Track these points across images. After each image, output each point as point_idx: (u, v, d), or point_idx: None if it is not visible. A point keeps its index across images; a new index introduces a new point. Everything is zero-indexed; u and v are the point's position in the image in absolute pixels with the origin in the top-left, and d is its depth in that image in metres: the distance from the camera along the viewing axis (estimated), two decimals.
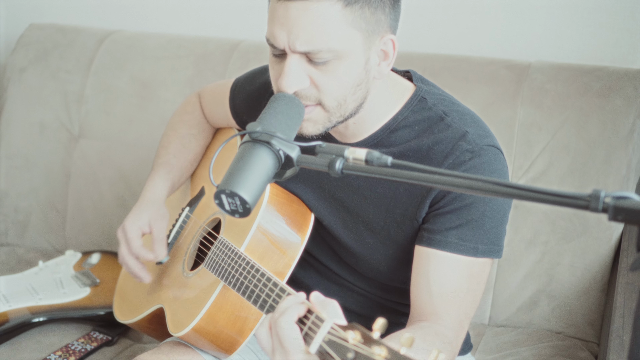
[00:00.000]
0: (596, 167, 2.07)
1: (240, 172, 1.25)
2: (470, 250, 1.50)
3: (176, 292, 1.72)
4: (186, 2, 2.67)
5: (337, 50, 1.42)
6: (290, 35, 1.41)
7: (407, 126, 1.55)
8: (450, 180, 1.10)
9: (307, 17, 1.40)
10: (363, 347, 1.12)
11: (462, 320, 1.52)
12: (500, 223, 1.54)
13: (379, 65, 1.49)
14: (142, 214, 1.76)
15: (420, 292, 1.52)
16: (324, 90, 1.45)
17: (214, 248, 1.63)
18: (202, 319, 1.58)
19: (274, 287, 1.41)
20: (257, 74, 1.80)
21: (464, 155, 1.50)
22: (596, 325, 2.07)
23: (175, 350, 1.69)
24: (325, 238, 1.68)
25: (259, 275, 1.46)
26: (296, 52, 1.42)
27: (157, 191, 1.82)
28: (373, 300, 1.69)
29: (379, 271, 1.63)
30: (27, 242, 2.59)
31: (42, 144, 2.58)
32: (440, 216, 1.51)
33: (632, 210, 0.96)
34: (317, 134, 1.51)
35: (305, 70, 1.44)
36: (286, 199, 1.66)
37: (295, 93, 1.45)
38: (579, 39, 2.29)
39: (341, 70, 1.44)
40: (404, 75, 1.63)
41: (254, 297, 1.46)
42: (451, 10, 2.40)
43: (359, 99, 1.49)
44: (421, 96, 1.57)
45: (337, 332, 1.17)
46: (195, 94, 2.00)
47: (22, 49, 2.64)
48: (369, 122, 1.56)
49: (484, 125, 1.56)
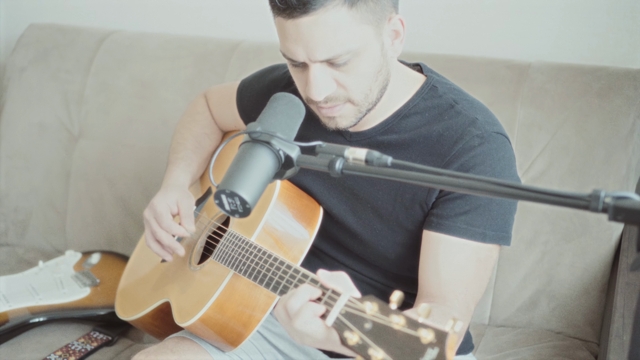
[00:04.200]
0: (596, 167, 2.07)
1: (240, 172, 1.25)
2: (479, 235, 1.53)
3: (183, 285, 1.73)
4: (186, 2, 2.67)
5: (354, 49, 1.46)
6: (308, 49, 1.45)
7: (418, 113, 1.59)
8: (451, 180, 1.11)
9: (318, 29, 1.43)
10: (381, 317, 1.12)
11: (469, 303, 1.54)
12: (508, 211, 1.56)
13: (393, 45, 1.53)
14: (169, 194, 1.77)
15: (428, 275, 1.54)
16: (351, 88, 1.50)
17: (223, 240, 1.65)
18: (210, 308, 1.59)
19: (288, 269, 1.42)
20: (265, 72, 1.83)
21: (473, 141, 1.53)
22: (596, 325, 2.07)
23: (180, 346, 1.69)
24: (333, 230, 1.70)
25: (271, 260, 1.48)
26: (317, 62, 1.46)
27: (180, 179, 1.83)
28: (380, 289, 1.70)
29: (387, 259, 1.65)
30: (27, 242, 2.59)
31: (42, 144, 2.58)
32: (449, 202, 1.54)
33: (632, 210, 0.96)
34: (352, 125, 1.56)
35: (330, 75, 1.48)
36: (296, 194, 1.68)
37: (326, 98, 1.50)
38: (579, 39, 2.29)
39: (363, 66, 1.48)
40: (414, 68, 1.67)
41: (266, 281, 1.46)
42: (451, 10, 2.40)
43: (381, 82, 1.54)
44: (432, 85, 1.62)
45: (355, 304, 1.17)
46: (202, 95, 2.01)
47: (22, 49, 2.64)
48: (381, 110, 1.60)
49: (492, 115, 1.60)
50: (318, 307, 1.22)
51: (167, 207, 1.75)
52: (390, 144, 1.60)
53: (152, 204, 1.76)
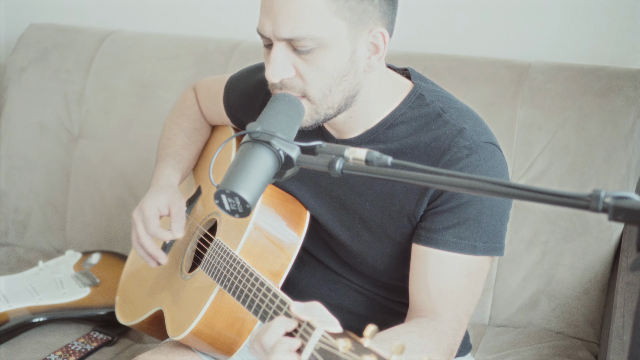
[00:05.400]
0: (596, 167, 2.07)
1: (240, 172, 1.25)
2: (469, 248, 1.50)
3: (174, 295, 1.72)
4: (186, 2, 2.67)
5: (320, 38, 1.42)
6: (275, 23, 1.43)
7: (404, 122, 1.55)
8: (451, 180, 1.10)
9: (290, 4, 1.41)
10: (353, 356, 1.12)
11: (461, 318, 1.52)
12: (499, 221, 1.53)
13: (369, 59, 1.49)
14: (160, 196, 1.74)
15: (418, 290, 1.52)
16: (308, 81, 1.46)
17: (210, 250, 1.63)
18: (200, 322, 1.57)
19: (267, 292, 1.40)
20: (252, 72, 1.80)
21: (461, 152, 1.49)
22: (596, 325, 2.07)
23: (175, 351, 1.68)
24: (322, 236, 1.68)
25: (252, 280, 1.45)
26: (281, 40, 1.44)
27: (170, 178, 1.80)
28: (371, 298, 1.68)
29: (376, 269, 1.63)
30: (27, 242, 2.59)
31: (42, 144, 2.58)
32: (437, 215, 1.51)
33: (632, 210, 0.96)
34: (306, 127, 1.51)
35: (291, 60, 1.45)
36: (281, 199, 1.66)
37: (281, 83, 1.46)
38: (579, 39, 2.29)
39: (326, 60, 1.44)
40: (402, 73, 1.62)
41: (248, 302, 1.45)
42: (451, 10, 2.40)
43: (346, 90, 1.49)
44: (419, 93, 1.57)
45: (328, 340, 1.16)
46: (191, 88, 1.99)
47: (22, 49, 2.64)
48: (365, 118, 1.56)
49: (482, 123, 1.56)
50: (293, 342, 1.21)
51: (156, 211, 1.72)
52: None
53: (142, 206, 1.72)
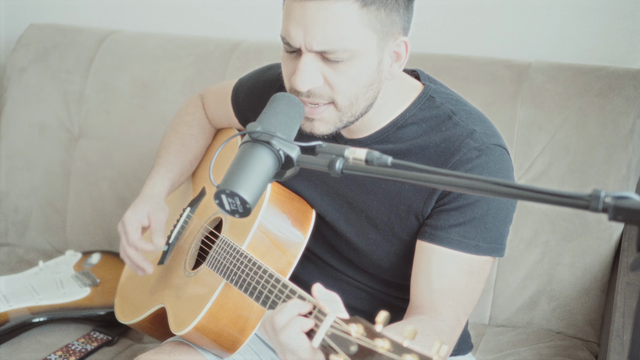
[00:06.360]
0: (596, 167, 2.07)
1: (240, 172, 1.25)
2: (472, 247, 1.51)
3: (178, 292, 1.72)
4: (186, 2, 2.67)
5: (352, 50, 1.43)
6: (307, 35, 1.42)
7: (415, 123, 1.57)
8: (451, 180, 1.10)
9: (324, 16, 1.41)
10: (366, 340, 1.12)
11: (460, 316, 1.53)
12: (503, 222, 1.54)
13: (391, 67, 1.50)
14: (141, 208, 1.79)
15: (419, 286, 1.53)
16: (337, 89, 1.46)
17: (216, 247, 1.64)
18: (204, 318, 1.58)
19: (277, 283, 1.42)
20: (261, 72, 1.82)
21: (471, 153, 1.51)
22: (596, 325, 2.07)
23: (177, 350, 1.69)
24: (326, 234, 1.69)
25: (261, 272, 1.47)
26: (312, 51, 1.44)
27: (156, 188, 1.84)
28: (374, 295, 1.69)
29: (381, 267, 1.64)
30: (27, 242, 2.60)
31: (42, 144, 2.58)
32: (443, 213, 1.52)
33: (632, 210, 0.96)
34: (328, 134, 1.52)
35: (320, 69, 1.45)
36: (287, 197, 1.67)
37: (309, 92, 1.46)
38: (579, 39, 2.29)
39: (355, 70, 1.45)
40: (411, 74, 1.64)
41: (256, 294, 1.46)
42: (451, 10, 2.40)
43: (370, 98, 1.50)
44: (429, 94, 1.58)
45: (340, 325, 1.17)
46: (198, 96, 2.01)
47: (22, 49, 2.64)
48: (376, 119, 1.57)
49: (491, 125, 1.58)
50: (307, 321, 1.22)
51: (137, 223, 1.77)
52: (387, 153, 1.58)
53: (124, 219, 1.78)
